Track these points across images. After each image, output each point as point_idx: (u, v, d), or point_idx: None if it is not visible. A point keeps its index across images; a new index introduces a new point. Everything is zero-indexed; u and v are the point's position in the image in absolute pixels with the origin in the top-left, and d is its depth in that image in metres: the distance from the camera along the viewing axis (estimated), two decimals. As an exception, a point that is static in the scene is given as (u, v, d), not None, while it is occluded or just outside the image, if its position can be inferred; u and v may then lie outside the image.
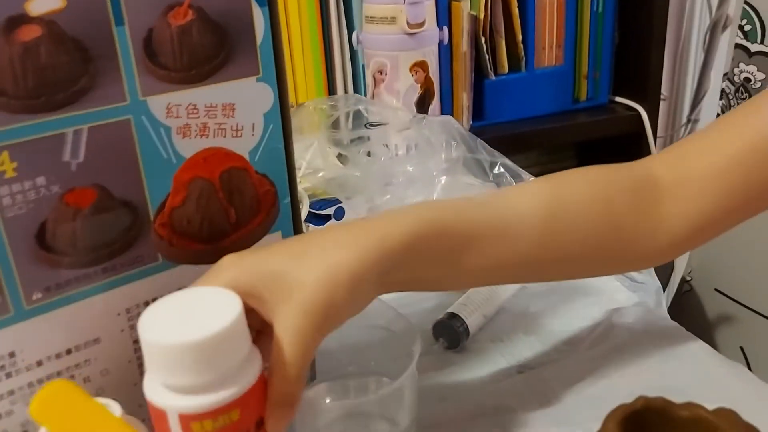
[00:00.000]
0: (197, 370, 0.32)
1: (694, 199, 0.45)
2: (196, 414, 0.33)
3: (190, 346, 0.32)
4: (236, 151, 0.40)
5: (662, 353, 0.51)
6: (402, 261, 0.38)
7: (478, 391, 0.49)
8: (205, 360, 0.32)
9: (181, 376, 0.32)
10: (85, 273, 0.36)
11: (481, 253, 0.41)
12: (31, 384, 0.36)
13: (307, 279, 0.35)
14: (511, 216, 0.43)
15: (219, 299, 0.34)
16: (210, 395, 0.33)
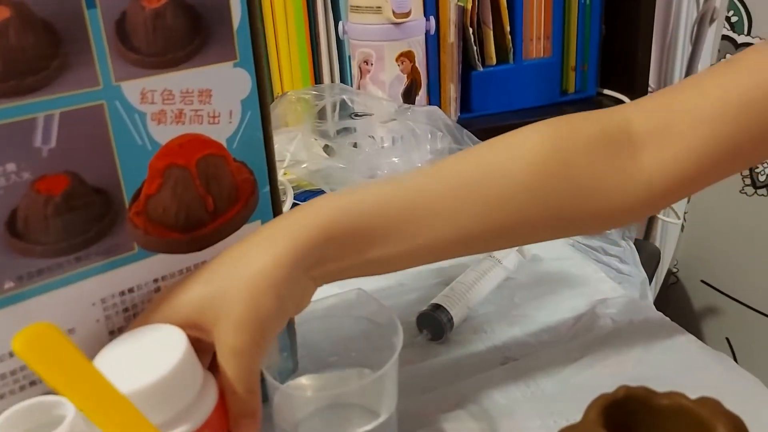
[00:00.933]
0: (157, 411, 0.32)
1: (674, 149, 0.42)
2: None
3: (145, 390, 0.32)
4: (213, 138, 0.40)
5: (646, 343, 0.51)
6: (323, 253, 0.38)
7: (461, 382, 0.49)
8: (162, 400, 0.33)
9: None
10: (59, 262, 0.36)
11: (409, 236, 0.40)
12: (3, 376, 0.35)
13: (230, 296, 0.35)
14: (446, 189, 0.41)
15: (165, 336, 0.35)
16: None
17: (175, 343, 0.34)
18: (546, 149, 0.43)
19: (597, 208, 0.43)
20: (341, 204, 0.40)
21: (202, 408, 0.34)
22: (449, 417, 0.45)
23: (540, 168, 0.42)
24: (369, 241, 0.39)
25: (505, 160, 0.43)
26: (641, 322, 0.54)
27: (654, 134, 0.43)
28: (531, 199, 0.42)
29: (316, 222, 0.38)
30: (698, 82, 0.44)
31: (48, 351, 0.30)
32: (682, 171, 0.42)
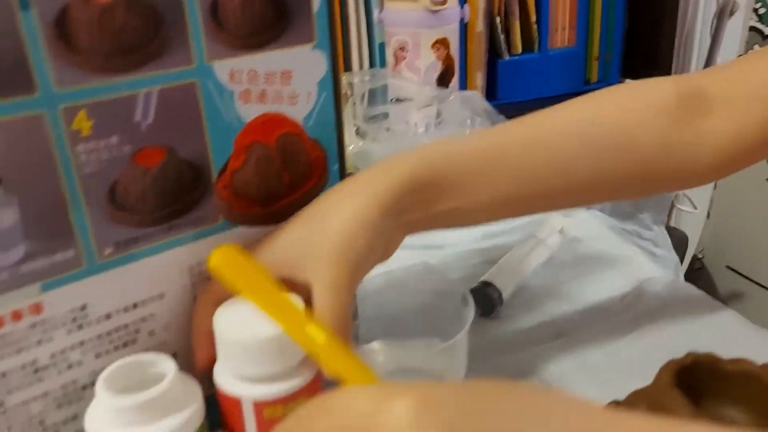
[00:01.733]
0: (271, 362, 0.36)
1: (740, 118, 0.44)
2: (269, 401, 0.36)
3: (266, 340, 0.35)
4: (291, 117, 0.42)
5: (692, 319, 0.53)
6: (409, 201, 0.40)
7: (515, 355, 0.51)
8: (279, 352, 0.36)
9: (257, 367, 0.36)
10: (153, 231, 0.38)
11: (496, 184, 0.42)
12: (100, 336, 0.38)
13: (326, 235, 0.37)
14: (540, 139, 0.43)
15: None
16: (282, 384, 0.36)
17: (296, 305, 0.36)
18: (668, 100, 0.44)
19: (671, 167, 0.45)
20: (425, 155, 0.41)
21: (308, 371, 0.37)
22: (506, 386, 0.47)
23: (654, 120, 0.44)
24: (453, 190, 0.41)
25: (616, 112, 0.44)
26: (685, 300, 0.56)
27: (724, 100, 0.44)
28: (626, 153, 0.43)
29: (401, 171, 0.40)
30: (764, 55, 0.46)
31: (236, 266, 0.35)
32: (746, 139, 0.44)
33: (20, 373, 0.35)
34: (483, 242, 0.68)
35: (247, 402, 0.36)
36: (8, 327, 0.34)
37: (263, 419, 0.36)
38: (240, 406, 0.36)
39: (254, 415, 0.36)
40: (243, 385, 0.36)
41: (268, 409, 0.36)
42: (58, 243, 0.34)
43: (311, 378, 0.37)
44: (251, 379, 0.36)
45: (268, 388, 0.36)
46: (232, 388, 0.36)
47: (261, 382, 0.36)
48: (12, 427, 0.36)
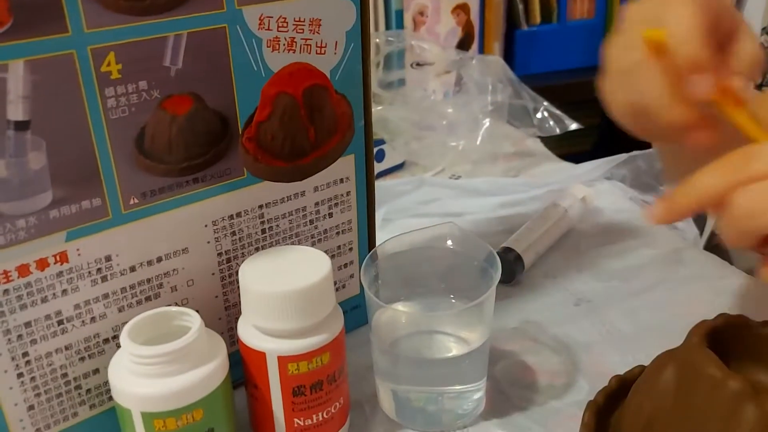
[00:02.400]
0: (297, 317, 0.35)
1: None
2: (293, 356, 0.35)
3: (294, 294, 0.35)
4: (318, 68, 0.40)
5: (716, 288, 0.52)
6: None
7: (537, 320, 0.50)
8: (305, 308, 0.35)
9: (283, 321, 0.35)
10: (178, 182, 0.37)
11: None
12: (123, 289, 0.37)
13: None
14: None
15: (310, 257, 0.37)
16: (307, 339, 0.36)
17: (321, 264, 0.36)
18: None
19: None
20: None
21: (332, 329, 0.37)
22: (529, 350, 0.47)
23: None
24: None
25: None
26: (708, 270, 0.55)
27: None
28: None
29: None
30: None
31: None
32: None
33: (44, 324, 0.35)
34: (502, 211, 0.67)
35: (271, 357, 0.36)
36: (34, 275, 0.34)
37: (287, 374, 0.36)
38: (264, 361, 0.36)
39: (278, 369, 0.36)
40: (268, 339, 0.36)
41: (292, 364, 0.36)
42: (84, 190, 0.34)
43: (337, 334, 0.37)
44: (277, 335, 0.36)
45: (293, 343, 0.36)
46: (257, 343, 0.36)
47: (287, 338, 0.36)
48: (35, 379, 0.35)
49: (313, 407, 0.37)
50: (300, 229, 0.43)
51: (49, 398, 0.36)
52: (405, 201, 0.70)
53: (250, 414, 0.39)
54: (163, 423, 0.33)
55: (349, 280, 0.48)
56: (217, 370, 0.34)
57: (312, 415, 0.37)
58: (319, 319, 0.36)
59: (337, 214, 0.45)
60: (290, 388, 0.36)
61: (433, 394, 0.41)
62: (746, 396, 0.31)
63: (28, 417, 0.36)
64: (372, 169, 0.46)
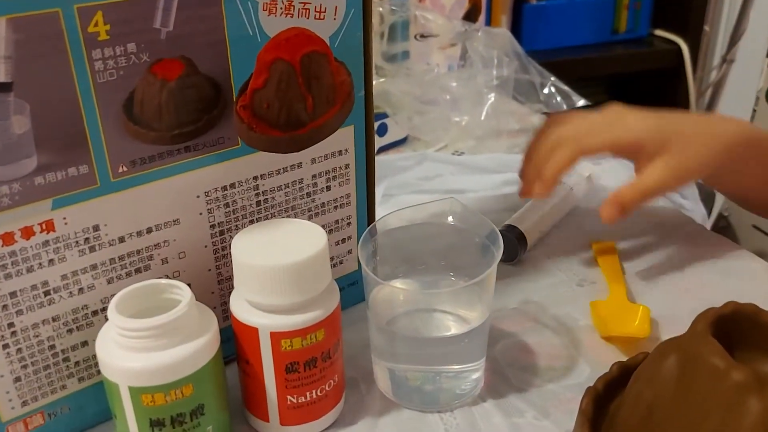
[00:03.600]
0: (291, 292, 0.34)
1: None
2: (287, 332, 0.34)
3: (288, 268, 0.34)
4: (317, 34, 0.39)
5: (723, 270, 0.51)
6: (736, 159, 0.48)
7: (538, 299, 0.49)
8: (299, 283, 0.34)
9: (276, 297, 0.34)
10: (169, 150, 0.36)
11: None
12: (113, 260, 0.36)
13: (692, 138, 0.47)
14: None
15: (306, 230, 0.36)
16: (301, 315, 0.35)
17: (316, 238, 0.35)
18: None
19: None
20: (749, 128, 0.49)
21: (327, 305, 0.36)
22: (529, 330, 0.46)
23: None
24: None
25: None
26: (716, 251, 0.54)
27: None
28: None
29: (740, 130, 0.48)
30: None
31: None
32: None
33: (30, 294, 0.34)
34: (505, 188, 0.66)
35: (264, 332, 0.35)
36: (19, 244, 0.32)
37: (280, 350, 0.35)
38: (257, 336, 0.35)
39: (270, 345, 0.35)
40: (261, 315, 0.35)
41: (285, 340, 0.35)
42: (71, 156, 0.32)
43: (332, 310, 0.36)
44: (270, 310, 0.35)
45: (287, 319, 0.35)
46: (250, 318, 0.35)
47: (279, 313, 0.35)
48: (22, 350, 0.34)
49: (306, 384, 0.36)
50: (296, 203, 0.42)
51: (36, 370, 0.35)
52: (406, 176, 0.68)
53: (242, 390, 0.38)
54: (151, 398, 0.32)
55: (347, 255, 0.47)
56: (208, 345, 0.33)
57: (305, 393, 0.36)
58: (314, 294, 0.35)
59: (335, 188, 0.44)
60: (283, 364, 0.35)
61: (431, 374, 0.40)
62: (750, 388, 0.30)
63: (15, 389, 0.35)
64: (372, 142, 0.45)
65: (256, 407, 0.37)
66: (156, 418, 0.32)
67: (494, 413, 0.39)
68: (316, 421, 0.37)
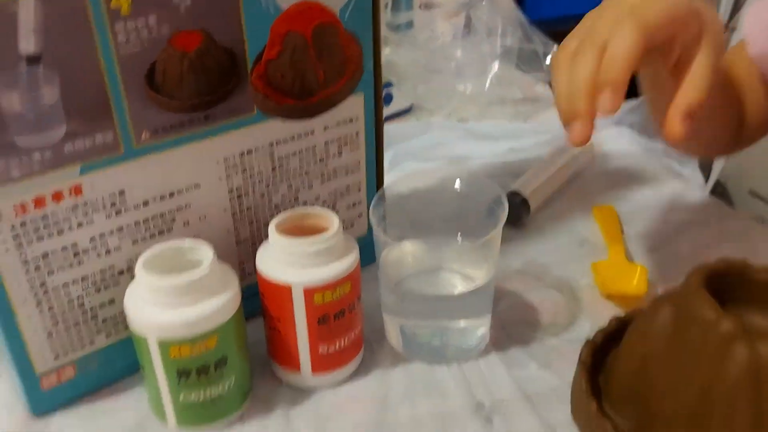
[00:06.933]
0: (320, 248, 0.37)
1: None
2: (319, 287, 0.37)
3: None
4: (328, 6, 0.40)
5: (719, 235, 0.53)
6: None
7: (541, 260, 0.51)
8: (326, 239, 0.37)
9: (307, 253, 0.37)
10: (189, 118, 0.37)
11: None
12: (137, 223, 0.38)
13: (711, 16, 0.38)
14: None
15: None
16: (331, 268, 0.37)
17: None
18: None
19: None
20: None
21: (351, 258, 0.38)
22: (533, 289, 0.48)
23: None
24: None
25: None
26: (713, 216, 0.56)
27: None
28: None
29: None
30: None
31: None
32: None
33: (61, 255, 0.36)
34: (509, 155, 0.67)
35: (297, 288, 0.37)
36: (49, 207, 0.34)
37: (313, 304, 0.37)
38: (289, 293, 0.37)
39: (304, 301, 0.37)
40: (293, 272, 0.37)
41: (318, 294, 0.37)
42: (97, 124, 0.34)
43: (355, 265, 0.38)
44: (302, 266, 0.37)
45: (318, 274, 0.37)
46: (282, 276, 0.37)
47: (311, 268, 0.37)
48: (53, 308, 0.37)
49: (336, 334, 0.38)
50: (309, 168, 0.44)
51: (66, 327, 0.37)
52: (412, 145, 0.70)
53: (270, 344, 0.40)
54: (178, 350, 0.34)
55: (357, 219, 0.48)
56: (230, 300, 0.36)
57: (335, 341, 0.39)
58: (340, 248, 0.38)
59: (346, 154, 0.45)
60: (316, 317, 0.37)
61: (439, 330, 0.42)
62: (737, 337, 0.32)
63: (48, 344, 0.37)
64: (381, 110, 0.46)
65: (287, 359, 0.39)
66: (182, 369, 0.35)
67: (498, 366, 0.41)
68: (342, 368, 0.40)
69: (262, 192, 0.42)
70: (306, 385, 0.40)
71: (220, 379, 0.36)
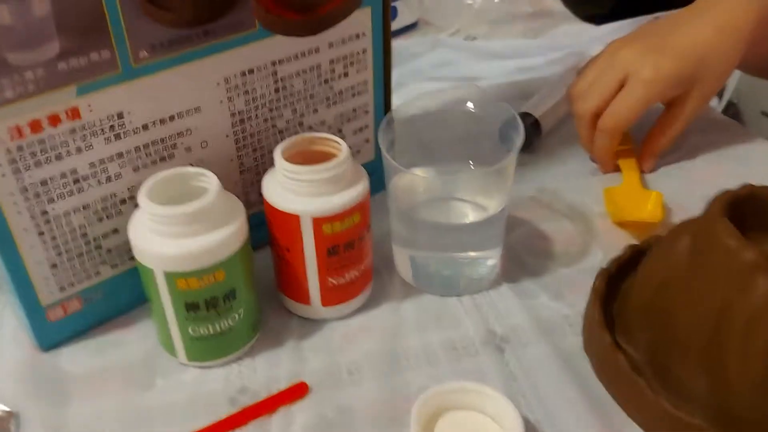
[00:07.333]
0: (327, 177, 0.35)
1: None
2: (328, 216, 0.35)
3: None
4: None
5: (736, 157, 0.52)
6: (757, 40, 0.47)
7: (553, 188, 0.50)
8: (333, 168, 0.35)
9: (314, 182, 0.35)
10: (188, 34, 0.35)
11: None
12: (137, 148, 0.36)
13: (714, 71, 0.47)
14: None
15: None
16: (340, 197, 0.35)
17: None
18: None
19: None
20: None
21: (360, 187, 0.37)
22: (545, 218, 0.47)
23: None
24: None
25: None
26: (729, 138, 0.54)
27: None
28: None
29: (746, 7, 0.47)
30: None
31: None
32: None
33: (60, 182, 0.34)
34: (519, 75, 0.65)
35: (305, 218, 0.35)
36: (46, 131, 0.32)
37: (322, 234, 0.36)
38: (298, 223, 0.35)
39: (312, 230, 0.36)
40: (302, 201, 0.35)
41: (326, 224, 0.35)
42: (92, 41, 0.32)
43: (365, 195, 0.37)
44: (311, 194, 0.35)
45: (327, 203, 0.35)
46: (290, 205, 0.35)
47: (319, 197, 0.35)
48: (56, 238, 0.35)
49: (345, 266, 0.37)
50: (314, 90, 0.42)
51: (70, 257, 0.36)
52: (418, 64, 0.67)
53: (278, 276, 0.39)
54: (185, 282, 0.33)
55: (365, 145, 0.47)
56: (237, 231, 0.34)
57: (344, 273, 0.38)
58: (349, 176, 0.36)
59: (352, 74, 0.43)
60: (325, 248, 0.36)
61: (450, 260, 0.41)
62: (760, 267, 0.31)
63: (52, 275, 0.36)
64: (389, 26, 0.44)
65: (296, 291, 0.38)
66: (191, 302, 0.34)
67: (510, 296, 0.41)
68: (352, 300, 0.39)
69: (265, 116, 0.40)
70: (316, 317, 0.39)
71: (230, 312, 0.35)
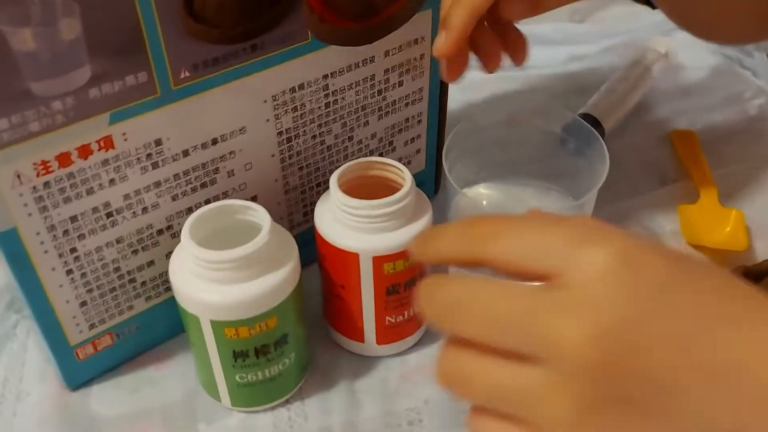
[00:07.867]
0: (389, 215, 0.32)
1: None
2: (390, 255, 0.32)
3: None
4: None
5: None
6: None
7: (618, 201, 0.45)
8: (396, 205, 0.32)
9: (376, 220, 0.32)
10: (233, 50, 0.31)
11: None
12: (177, 176, 0.32)
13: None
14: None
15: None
16: (404, 233, 0.32)
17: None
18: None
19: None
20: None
21: (423, 221, 0.33)
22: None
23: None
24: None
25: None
26: None
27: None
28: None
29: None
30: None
31: None
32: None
33: (92, 217, 0.30)
34: (571, 65, 0.60)
35: (365, 257, 0.32)
36: (76, 165, 0.29)
37: (382, 273, 0.32)
38: (357, 262, 0.32)
39: (372, 270, 0.32)
40: (362, 239, 0.32)
41: (388, 264, 0.32)
42: (128, 63, 0.28)
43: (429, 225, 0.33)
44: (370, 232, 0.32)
45: (389, 241, 0.32)
46: (350, 243, 0.32)
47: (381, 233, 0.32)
48: (86, 275, 0.32)
49: (405, 304, 0.34)
50: (367, 102, 0.38)
51: (102, 293, 0.33)
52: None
53: (328, 308, 0.36)
54: (235, 331, 0.30)
55: (415, 155, 0.43)
56: (291, 273, 0.31)
57: (403, 312, 0.34)
58: (410, 214, 0.33)
59: (408, 82, 0.39)
60: (384, 287, 0.33)
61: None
62: None
63: (81, 313, 0.33)
64: (447, 27, 0.39)
65: (350, 328, 0.35)
66: (240, 350, 0.30)
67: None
68: (409, 338, 0.36)
69: (313, 133, 0.36)
70: (369, 354, 0.36)
71: (281, 357, 0.32)
